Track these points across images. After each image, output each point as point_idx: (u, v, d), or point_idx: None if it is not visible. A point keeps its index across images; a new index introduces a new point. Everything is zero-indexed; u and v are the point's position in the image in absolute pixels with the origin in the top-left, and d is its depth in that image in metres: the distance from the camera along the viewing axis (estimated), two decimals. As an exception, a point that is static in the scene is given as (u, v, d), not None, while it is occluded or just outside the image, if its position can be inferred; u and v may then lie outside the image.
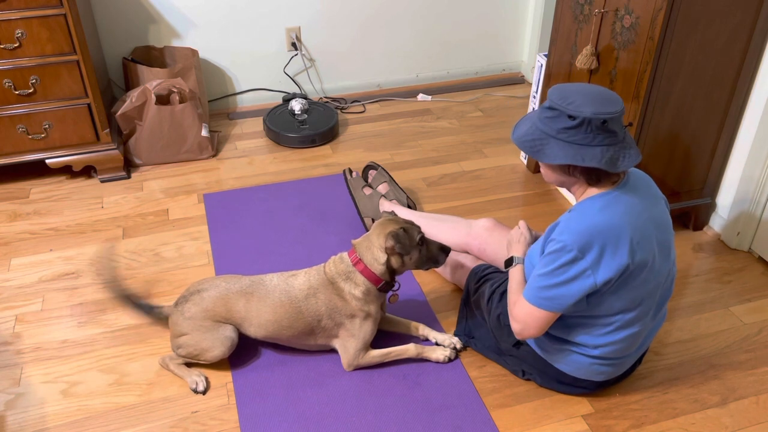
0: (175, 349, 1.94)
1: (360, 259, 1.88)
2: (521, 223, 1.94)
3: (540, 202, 2.77)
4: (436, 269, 2.32)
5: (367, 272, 1.87)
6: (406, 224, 1.89)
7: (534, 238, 1.89)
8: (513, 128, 1.68)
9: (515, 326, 1.70)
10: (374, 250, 1.86)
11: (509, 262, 1.84)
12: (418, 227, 1.92)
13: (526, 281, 1.74)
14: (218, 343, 1.89)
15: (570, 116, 1.51)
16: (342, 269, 1.90)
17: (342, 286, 1.89)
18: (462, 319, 2.07)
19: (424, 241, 1.90)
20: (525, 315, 1.66)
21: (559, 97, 1.54)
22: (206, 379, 1.92)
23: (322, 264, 1.96)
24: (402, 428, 1.79)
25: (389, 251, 1.85)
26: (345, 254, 1.93)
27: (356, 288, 1.88)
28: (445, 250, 1.94)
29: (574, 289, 1.57)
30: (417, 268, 1.92)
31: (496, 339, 1.94)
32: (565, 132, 1.53)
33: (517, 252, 1.85)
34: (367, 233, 1.93)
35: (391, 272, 1.90)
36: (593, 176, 1.58)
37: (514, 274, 1.79)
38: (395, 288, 1.96)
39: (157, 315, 2.04)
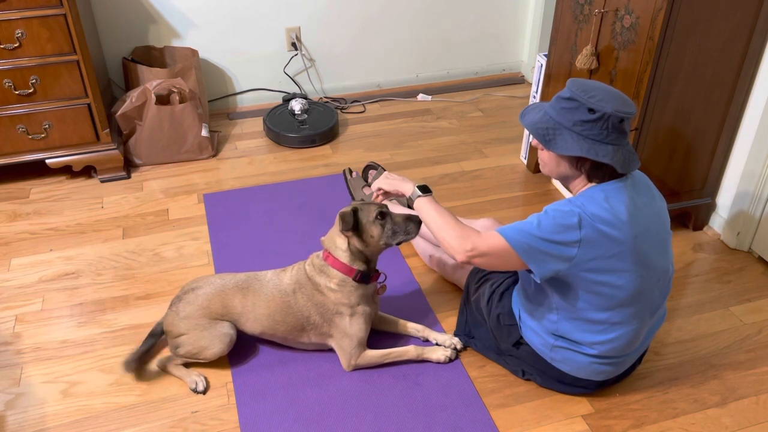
0: (173, 349, 1.94)
1: (328, 252, 1.89)
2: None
3: (540, 202, 2.77)
4: (436, 269, 2.32)
5: (336, 263, 1.87)
6: (362, 204, 1.86)
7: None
8: (521, 114, 1.66)
9: (466, 251, 1.61)
10: (334, 237, 1.88)
11: (425, 189, 1.78)
12: (381, 204, 1.86)
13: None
14: (217, 340, 1.89)
15: (590, 109, 1.50)
16: (317, 264, 1.92)
17: (318, 281, 1.90)
18: (462, 318, 2.07)
19: (385, 215, 1.84)
20: (495, 248, 1.58)
21: (580, 89, 1.53)
22: (206, 378, 1.92)
23: (304, 261, 1.98)
24: (402, 428, 1.79)
25: (343, 233, 1.84)
26: (321, 251, 1.95)
27: (330, 281, 1.88)
28: (413, 219, 1.85)
29: (555, 252, 1.55)
30: (387, 244, 1.86)
31: (495, 339, 1.94)
32: (582, 125, 1.52)
33: (410, 186, 1.83)
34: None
35: (362, 258, 1.88)
36: (599, 174, 1.57)
37: (431, 205, 1.74)
38: (381, 280, 1.96)
39: (161, 330, 2.00)
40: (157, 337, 2.00)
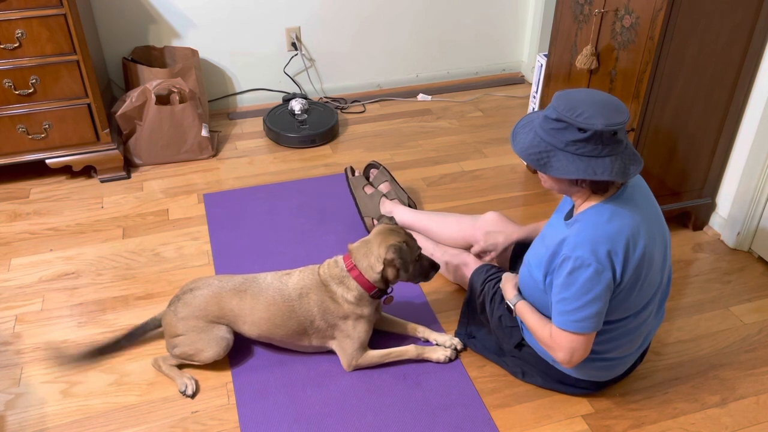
0: (170, 349, 1.94)
1: (355, 265, 1.87)
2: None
3: (540, 202, 2.77)
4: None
5: (360, 279, 1.87)
6: (407, 237, 1.89)
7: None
8: (512, 136, 1.61)
9: (561, 356, 1.63)
10: (371, 258, 1.86)
11: (510, 308, 1.81)
12: (419, 247, 1.92)
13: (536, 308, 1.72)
14: (213, 343, 1.89)
15: (580, 129, 1.45)
16: (336, 273, 1.89)
17: (334, 290, 1.88)
18: (464, 318, 2.07)
19: (420, 256, 1.91)
20: (568, 343, 1.60)
21: (566, 108, 1.47)
22: (196, 382, 1.91)
23: (317, 265, 1.97)
24: (402, 428, 1.79)
25: (387, 263, 1.84)
26: (340, 258, 1.92)
27: (349, 293, 1.88)
28: (435, 267, 1.95)
29: (605, 298, 1.56)
30: (408, 281, 1.93)
31: (498, 340, 1.94)
32: (574, 144, 1.47)
33: (511, 292, 1.81)
34: (366, 239, 1.92)
35: (385, 281, 1.90)
36: (601, 186, 1.55)
37: (523, 310, 1.75)
38: (389, 290, 1.97)
39: (155, 325, 2.02)
40: (137, 336, 2.01)
